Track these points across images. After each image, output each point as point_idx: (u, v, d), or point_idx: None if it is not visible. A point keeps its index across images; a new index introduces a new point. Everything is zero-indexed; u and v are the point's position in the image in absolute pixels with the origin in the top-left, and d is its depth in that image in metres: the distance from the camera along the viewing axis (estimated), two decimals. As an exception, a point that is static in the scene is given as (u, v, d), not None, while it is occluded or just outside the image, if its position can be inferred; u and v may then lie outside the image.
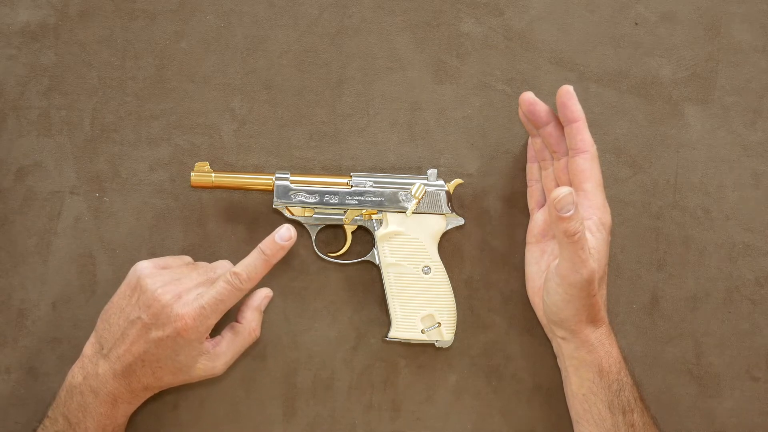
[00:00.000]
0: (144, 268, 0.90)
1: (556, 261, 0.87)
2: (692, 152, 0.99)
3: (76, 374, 0.89)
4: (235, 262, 0.91)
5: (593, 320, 0.88)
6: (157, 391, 0.91)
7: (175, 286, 0.88)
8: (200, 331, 0.87)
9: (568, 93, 0.89)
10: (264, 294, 0.94)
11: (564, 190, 0.82)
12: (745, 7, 1.00)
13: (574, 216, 0.83)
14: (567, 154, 0.92)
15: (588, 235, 0.88)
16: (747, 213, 0.99)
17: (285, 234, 0.89)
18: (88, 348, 0.90)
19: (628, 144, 0.99)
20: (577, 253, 0.84)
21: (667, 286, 0.99)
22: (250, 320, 0.92)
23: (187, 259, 0.95)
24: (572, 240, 0.84)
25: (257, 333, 0.93)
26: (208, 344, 0.90)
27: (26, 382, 0.98)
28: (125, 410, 0.90)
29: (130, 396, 0.89)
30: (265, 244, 0.89)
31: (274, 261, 0.89)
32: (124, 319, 0.88)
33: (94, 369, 0.88)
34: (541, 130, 0.92)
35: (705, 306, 0.99)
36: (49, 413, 0.89)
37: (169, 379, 0.89)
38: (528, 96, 0.92)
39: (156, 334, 0.87)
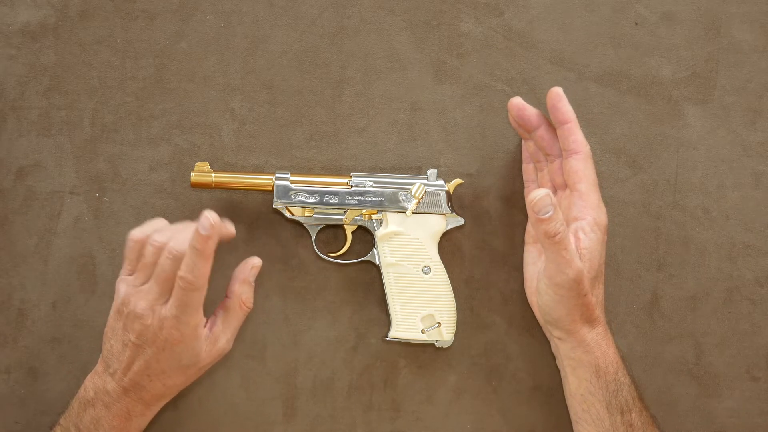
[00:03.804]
0: (120, 288, 0.88)
1: None
2: (692, 152, 0.99)
3: (88, 389, 0.89)
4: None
5: (588, 320, 0.88)
6: (172, 396, 0.91)
7: (146, 299, 0.86)
8: (188, 333, 0.86)
9: (557, 95, 0.89)
10: (250, 265, 0.90)
11: (541, 192, 0.83)
12: (745, 7, 1.00)
13: (554, 217, 0.83)
14: (560, 156, 0.92)
15: (581, 235, 0.88)
16: (747, 213, 0.99)
17: (206, 223, 0.83)
18: (99, 364, 0.89)
19: (628, 144, 0.99)
20: (561, 254, 0.84)
21: (667, 286, 0.99)
22: (239, 293, 0.89)
23: (160, 224, 0.90)
24: (554, 241, 0.84)
25: (249, 305, 0.90)
26: (205, 329, 0.89)
27: (26, 382, 0.98)
28: (138, 423, 0.89)
29: (143, 408, 0.89)
30: (194, 239, 0.83)
31: (210, 252, 0.84)
32: (119, 342, 0.87)
33: (104, 386, 0.88)
34: (533, 134, 0.92)
35: (705, 306, 0.99)
36: (61, 421, 0.89)
37: (180, 380, 0.89)
38: (516, 101, 0.92)
39: (150, 350, 0.86)
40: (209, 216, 0.83)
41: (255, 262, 0.91)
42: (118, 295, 0.88)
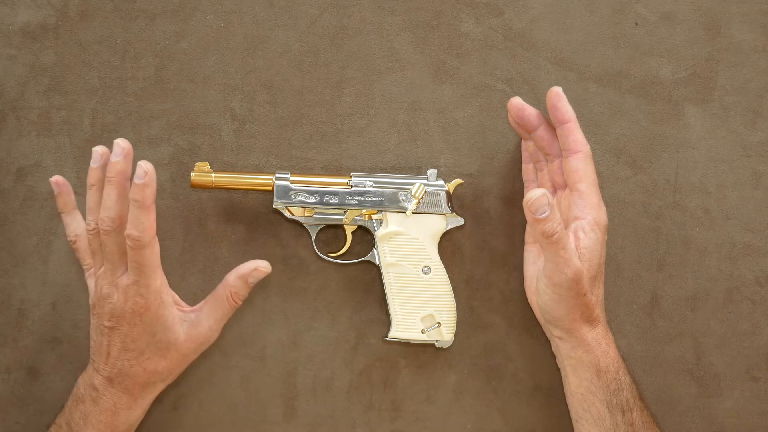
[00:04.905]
0: (89, 284, 0.90)
1: None
2: (692, 152, 0.99)
3: (80, 386, 0.90)
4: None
5: (588, 320, 0.88)
6: (159, 387, 0.91)
7: (106, 278, 0.87)
8: (152, 298, 0.87)
9: (557, 95, 0.90)
10: (254, 266, 0.90)
11: (537, 192, 0.83)
12: (745, 7, 1.00)
13: (550, 217, 0.83)
14: (560, 156, 0.92)
15: (581, 234, 0.88)
16: (747, 213, 0.99)
17: (140, 173, 0.84)
18: (89, 365, 0.91)
19: (628, 144, 0.99)
20: (559, 253, 0.84)
21: (667, 286, 0.99)
22: (231, 285, 0.90)
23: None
24: (551, 241, 0.84)
25: (237, 300, 0.91)
26: (188, 310, 0.90)
27: (26, 382, 0.98)
28: (126, 417, 0.90)
29: (129, 400, 0.89)
30: (133, 192, 0.84)
31: (150, 201, 0.84)
32: (97, 333, 0.89)
33: (91, 381, 0.89)
34: (532, 134, 0.93)
35: (705, 306, 0.99)
36: (56, 420, 0.91)
37: (163, 365, 0.89)
38: (516, 101, 0.92)
39: (123, 329, 0.87)
40: (143, 165, 0.84)
41: (261, 265, 0.90)
42: (90, 291, 0.90)
